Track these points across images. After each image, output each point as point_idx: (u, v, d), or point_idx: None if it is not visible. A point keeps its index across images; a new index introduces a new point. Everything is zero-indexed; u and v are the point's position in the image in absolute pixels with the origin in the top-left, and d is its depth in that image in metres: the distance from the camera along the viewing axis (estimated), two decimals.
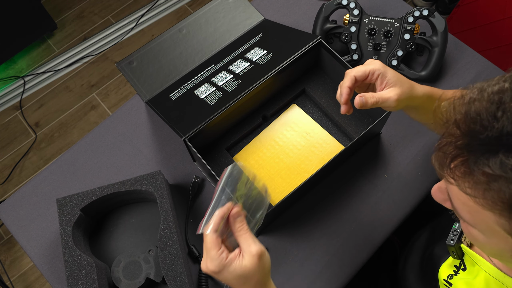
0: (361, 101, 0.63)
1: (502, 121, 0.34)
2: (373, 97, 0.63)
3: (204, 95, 0.87)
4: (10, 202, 0.89)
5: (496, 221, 0.38)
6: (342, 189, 0.86)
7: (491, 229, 0.39)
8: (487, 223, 0.39)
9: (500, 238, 0.39)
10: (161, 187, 0.78)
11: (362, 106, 0.64)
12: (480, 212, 0.38)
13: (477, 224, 0.41)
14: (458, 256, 0.57)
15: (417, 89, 0.65)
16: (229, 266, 0.51)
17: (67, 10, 2.14)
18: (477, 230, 0.42)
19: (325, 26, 0.95)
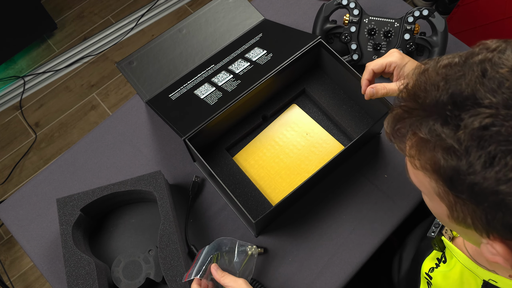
0: (371, 92, 0.68)
1: (440, 91, 0.36)
2: (384, 88, 0.67)
3: (204, 95, 0.87)
4: (10, 202, 0.89)
5: (429, 183, 0.39)
6: (342, 189, 0.86)
7: (429, 192, 0.41)
8: (425, 185, 0.40)
9: (437, 201, 0.41)
10: (161, 187, 0.78)
11: (372, 96, 0.69)
12: (419, 174, 0.40)
13: (420, 186, 0.43)
14: (440, 248, 0.58)
15: None
16: None
17: (67, 10, 2.14)
18: (423, 193, 0.44)
19: (325, 26, 0.95)
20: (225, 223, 0.85)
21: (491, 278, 0.47)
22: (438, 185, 0.38)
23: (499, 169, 0.32)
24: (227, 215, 0.86)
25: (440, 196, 0.39)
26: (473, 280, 0.50)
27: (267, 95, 0.90)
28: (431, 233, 0.59)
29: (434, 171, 0.37)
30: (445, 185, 0.37)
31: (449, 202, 0.38)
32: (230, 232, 0.84)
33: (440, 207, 0.41)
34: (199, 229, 0.85)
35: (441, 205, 0.40)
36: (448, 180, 0.36)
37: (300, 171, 0.86)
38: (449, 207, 0.39)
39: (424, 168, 0.38)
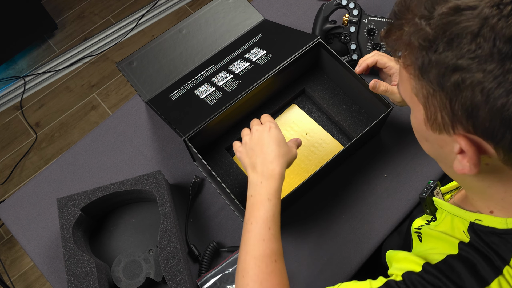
0: (374, 84, 0.77)
1: None
2: (385, 86, 0.76)
3: (204, 95, 0.87)
4: (11, 202, 0.89)
5: (409, 83, 0.44)
6: (341, 189, 0.87)
7: (410, 97, 0.46)
8: (407, 89, 0.46)
9: (416, 105, 0.46)
10: (161, 187, 0.79)
11: (373, 89, 0.77)
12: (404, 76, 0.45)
13: (404, 95, 0.48)
14: (431, 211, 0.61)
15: None
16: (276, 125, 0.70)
17: (67, 10, 2.15)
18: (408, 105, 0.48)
19: (324, 26, 0.95)
20: (225, 223, 0.85)
21: (476, 218, 0.50)
22: (416, 81, 0.43)
23: (457, 45, 0.37)
24: (227, 215, 0.86)
25: (417, 95, 0.44)
26: (461, 223, 0.52)
27: (267, 95, 0.91)
28: (423, 193, 0.61)
29: (410, 57, 0.42)
30: (420, 74, 0.42)
31: (424, 97, 0.43)
32: (230, 232, 0.84)
33: (419, 113, 0.46)
34: (199, 229, 0.85)
35: (419, 108, 0.45)
36: (420, 60, 0.41)
37: (300, 171, 0.86)
38: (425, 105, 0.44)
39: (405, 62, 0.44)
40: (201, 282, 0.76)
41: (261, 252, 0.59)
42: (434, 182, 0.62)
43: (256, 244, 0.60)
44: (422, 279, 0.48)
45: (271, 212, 0.62)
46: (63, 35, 2.09)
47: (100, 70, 2.00)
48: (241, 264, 0.60)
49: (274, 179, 0.64)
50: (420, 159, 0.88)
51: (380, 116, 0.79)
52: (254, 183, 0.65)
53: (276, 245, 0.61)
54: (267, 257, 0.59)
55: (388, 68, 0.78)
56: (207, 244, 0.81)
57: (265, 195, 0.63)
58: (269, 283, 0.58)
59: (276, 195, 0.63)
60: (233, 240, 0.84)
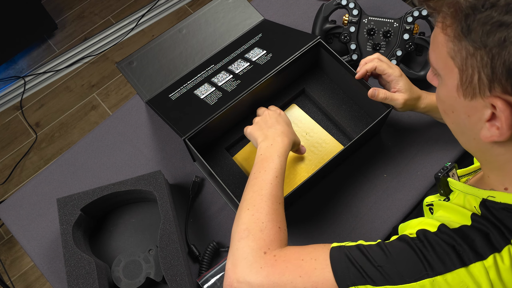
0: (373, 92, 0.78)
1: None
2: (385, 93, 0.78)
3: (204, 95, 0.87)
4: (11, 202, 0.89)
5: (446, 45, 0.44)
6: (341, 189, 0.87)
7: (444, 64, 0.46)
8: (441, 54, 0.46)
9: (450, 70, 0.46)
10: (161, 187, 0.79)
11: (372, 97, 0.79)
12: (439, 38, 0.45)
13: (437, 62, 0.48)
14: (445, 193, 0.61)
15: (423, 101, 0.79)
16: None
17: (67, 10, 2.15)
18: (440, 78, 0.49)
19: (324, 26, 0.95)
20: (225, 222, 0.85)
21: (489, 195, 0.50)
22: (455, 42, 0.43)
23: (503, 1, 0.39)
24: (227, 214, 0.86)
25: (454, 58, 0.44)
26: (473, 200, 0.53)
27: (267, 95, 0.91)
28: (438, 174, 0.62)
29: (453, 16, 0.43)
30: (462, 34, 0.42)
31: (462, 59, 0.43)
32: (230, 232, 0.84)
33: (451, 79, 0.46)
34: (199, 229, 0.85)
35: (452, 73, 0.45)
36: (464, 19, 0.41)
37: (300, 171, 0.86)
38: (461, 68, 0.44)
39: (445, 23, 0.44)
40: (201, 281, 0.76)
41: (269, 192, 0.64)
42: (452, 164, 0.63)
43: (264, 186, 0.64)
44: (436, 237, 0.49)
45: (279, 165, 0.67)
46: (63, 35, 2.09)
47: (100, 70, 2.00)
48: (247, 200, 0.64)
49: (284, 144, 0.71)
50: (420, 159, 0.88)
51: (380, 116, 0.80)
52: (264, 147, 0.71)
53: (281, 192, 0.66)
54: (273, 197, 0.64)
55: (386, 75, 0.78)
56: (207, 244, 0.81)
57: (274, 152, 0.69)
58: (273, 216, 0.61)
59: (284, 155, 0.69)
60: None
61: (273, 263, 0.55)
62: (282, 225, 0.61)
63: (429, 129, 0.91)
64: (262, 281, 0.54)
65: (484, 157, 0.52)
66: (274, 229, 0.60)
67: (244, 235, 0.59)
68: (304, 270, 0.53)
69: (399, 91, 0.77)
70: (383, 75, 0.79)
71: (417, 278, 0.47)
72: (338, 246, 0.54)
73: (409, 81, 0.78)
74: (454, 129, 0.52)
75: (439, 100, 0.52)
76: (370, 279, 0.49)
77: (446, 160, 0.88)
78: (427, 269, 0.47)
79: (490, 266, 0.46)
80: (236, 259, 0.58)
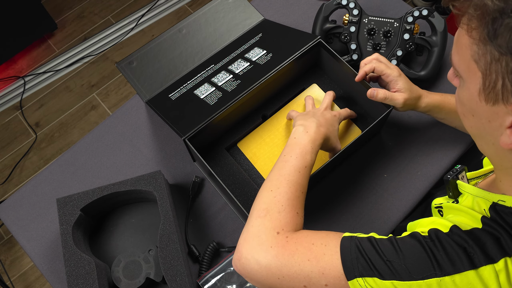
0: (372, 93, 0.78)
1: None
2: (384, 93, 0.77)
3: (204, 95, 0.87)
4: (10, 202, 0.89)
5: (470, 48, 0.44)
6: (341, 189, 0.87)
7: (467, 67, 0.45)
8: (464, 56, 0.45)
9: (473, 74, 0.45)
10: (161, 187, 0.79)
11: (372, 97, 0.78)
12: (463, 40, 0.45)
13: (460, 65, 0.47)
14: (454, 195, 0.61)
15: (423, 100, 0.79)
16: None
17: (67, 10, 2.14)
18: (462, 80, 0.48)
19: (324, 26, 0.95)
20: (225, 223, 0.85)
21: (500, 199, 0.50)
22: (479, 46, 0.42)
23: None
24: (227, 215, 0.86)
25: (478, 62, 0.43)
26: (483, 203, 0.53)
27: (267, 95, 0.90)
28: (447, 176, 0.61)
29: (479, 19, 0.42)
30: (488, 38, 0.41)
31: (486, 63, 0.42)
32: (230, 232, 0.84)
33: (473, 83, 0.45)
34: (199, 229, 0.85)
35: (475, 77, 0.44)
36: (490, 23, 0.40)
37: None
38: (485, 72, 0.43)
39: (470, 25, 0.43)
40: (202, 282, 0.76)
41: (296, 179, 0.64)
42: (462, 166, 0.63)
43: (292, 172, 0.64)
44: (448, 237, 0.49)
45: (310, 156, 0.67)
46: (63, 35, 2.09)
47: (100, 70, 2.00)
48: (272, 181, 0.64)
49: (319, 135, 0.71)
50: (420, 159, 0.88)
51: (381, 116, 0.79)
52: (301, 131, 0.71)
53: (306, 182, 0.66)
54: (299, 185, 0.64)
55: (385, 75, 0.77)
56: (207, 244, 0.81)
57: (308, 141, 0.69)
58: (295, 202, 0.62)
59: (316, 148, 0.69)
60: (233, 240, 0.83)
61: (283, 244, 0.56)
62: (300, 211, 0.62)
63: (429, 129, 0.91)
64: (270, 260, 0.55)
65: (500, 162, 0.52)
66: (292, 213, 0.60)
67: (262, 214, 0.60)
68: (313, 254, 0.54)
69: (398, 91, 0.77)
70: (382, 75, 0.78)
71: (425, 277, 0.47)
72: (350, 236, 0.54)
73: (408, 80, 0.78)
74: (472, 132, 0.51)
75: (459, 102, 0.51)
76: (378, 272, 0.49)
77: (446, 160, 0.88)
78: (436, 268, 0.47)
79: (501, 269, 0.46)
80: (248, 235, 0.59)
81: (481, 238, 0.48)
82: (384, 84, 0.81)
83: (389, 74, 0.77)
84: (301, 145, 0.68)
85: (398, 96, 0.77)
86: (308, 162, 0.67)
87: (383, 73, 0.78)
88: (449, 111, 0.80)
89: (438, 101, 0.79)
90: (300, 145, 0.68)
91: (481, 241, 0.47)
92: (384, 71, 0.77)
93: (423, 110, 0.80)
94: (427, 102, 0.79)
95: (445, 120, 0.83)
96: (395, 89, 0.78)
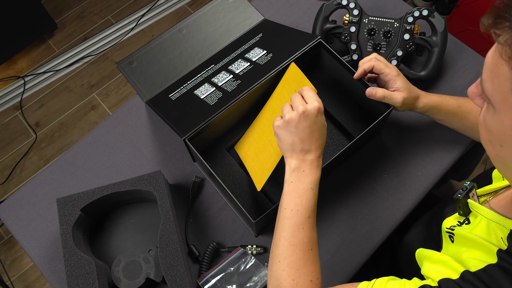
0: (370, 92, 0.77)
1: None
2: (383, 92, 0.77)
3: (204, 95, 0.87)
4: (10, 202, 0.89)
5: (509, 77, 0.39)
6: (342, 189, 0.87)
7: (503, 99, 0.41)
8: (503, 88, 0.41)
9: (508, 111, 0.41)
10: (161, 187, 0.79)
11: (370, 96, 0.78)
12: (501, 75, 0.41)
13: (494, 94, 0.43)
14: (464, 213, 0.59)
15: (422, 100, 0.79)
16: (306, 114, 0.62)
17: (67, 10, 2.14)
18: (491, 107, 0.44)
19: (325, 26, 0.95)
20: (225, 223, 0.85)
21: None
22: None
23: None
24: (227, 215, 0.86)
25: None
26: (500, 230, 0.51)
27: (267, 95, 0.90)
28: (458, 195, 0.60)
29: None
30: None
31: None
32: (230, 232, 0.84)
33: (507, 118, 0.42)
34: (199, 229, 0.85)
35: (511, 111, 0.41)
36: None
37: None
38: None
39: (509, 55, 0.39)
40: (202, 282, 0.76)
41: (300, 240, 0.60)
42: (471, 183, 0.61)
43: (295, 232, 0.60)
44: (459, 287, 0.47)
45: (313, 201, 0.62)
46: (63, 35, 2.09)
47: (100, 70, 2.00)
48: (278, 248, 0.61)
49: (318, 169, 0.64)
50: (420, 159, 0.88)
51: (380, 116, 0.79)
52: (296, 170, 0.63)
53: (313, 234, 0.61)
54: (305, 245, 0.60)
55: (384, 74, 0.77)
56: (207, 244, 0.81)
57: (308, 184, 0.62)
58: (305, 269, 0.59)
59: (317, 184, 0.63)
60: (233, 240, 0.83)
61: None
62: (314, 276, 0.59)
63: (429, 129, 0.91)
64: None
65: None
66: (306, 284, 0.58)
67: None
68: None
69: (397, 90, 0.77)
70: (381, 74, 0.78)
71: None
72: None
73: (407, 80, 0.78)
74: (495, 159, 0.48)
75: (485, 127, 0.47)
76: None
77: (446, 160, 0.88)
78: None
79: None
80: None
81: (497, 278, 0.45)
82: (383, 84, 0.80)
83: (388, 73, 0.77)
84: (301, 192, 0.62)
85: (397, 95, 0.76)
86: (310, 210, 0.61)
87: (382, 72, 0.77)
88: (447, 112, 0.79)
89: (436, 102, 0.79)
90: (299, 192, 0.62)
91: (497, 282, 0.45)
92: (383, 69, 0.77)
93: (421, 111, 0.80)
94: (425, 103, 0.78)
95: (444, 121, 0.82)
96: (393, 88, 0.77)
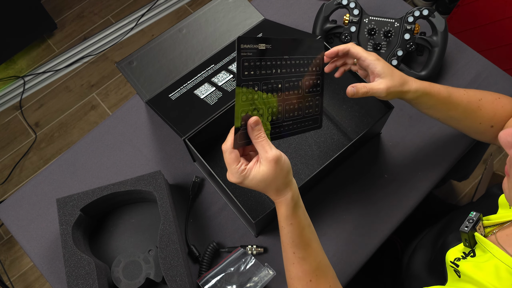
0: (352, 90, 0.69)
1: None
2: (364, 87, 0.68)
3: (204, 95, 0.87)
4: (10, 202, 0.89)
5: None
6: (342, 189, 0.86)
7: None
8: None
9: None
10: (161, 187, 0.78)
11: (353, 95, 0.69)
12: None
13: None
14: (470, 244, 0.59)
15: (411, 84, 0.70)
16: (249, 175, 0.56)
17: (67, 10, 2.14)
18: None
19: (325, 26, 0.95)
20: (225, 223, 0.85)
21: None
22: None
23: None
24: (227, 215, 0.86)
25: None
26: (509, 275, 0.50)
27: None
28: (464, 228, 0.59)
29: None
30: None
31: None
32: (230, 232, 0.84)
33: None
34: (199, 229, 0.85)
35: None
36: None
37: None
38: None
39: None
40: (202, 282, 0.76)
41: (295, 274, 0.62)
42: (477, 215, 0.60)
43: (289, 267, 0.63)
44: None
45: (290, 238, 0.60)
46: (63, 34, 2.09)
47: (100, 70, 2.00)
48: (287, 281, 0.65)
49: (285, 204, 0.59)
50: (421, 159, 0.88)
51: (380, 116, 0.79)
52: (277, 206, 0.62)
53: (307, 266, 0.61)
54: (301, 279, 0.61)
55: (361, 59, 0.70)
56: (207, 244, 0.81)
57: (282, 221, 0.60)
58: None
59: (291, 218, 0.59)
60: (233, 240, 0.83)
61: None
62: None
63: (430, 129, 0.91)
64: None
65: None
66: None
67: None
68: None
69: (378, 75, 0.69)
70: (359, 60, 0.71)
71: None
72: None
73: (389, 65, 0.70)
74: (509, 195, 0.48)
75: None
76: None
77: (447, 160, 0.88)
78: None
79: None
80: None
81: None
82: (365, 76, 0.75)
83: (366, 57, 0.69)
84: (280, 228, 0.61)
85: (379, 84, 0.68)
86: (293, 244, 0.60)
87: (359, 56, 0.70)
88: (438, 98, 0.72)
89: (428, 88, 0.71)
90: (280, 229, 0.61)
91: None
92: (360, 53, 0.70)
93: (413, 97, 0.70)
94: (416, 87, 0.70)
95: (432, 109, 0.74)
96: (374, 74, 0.69)
